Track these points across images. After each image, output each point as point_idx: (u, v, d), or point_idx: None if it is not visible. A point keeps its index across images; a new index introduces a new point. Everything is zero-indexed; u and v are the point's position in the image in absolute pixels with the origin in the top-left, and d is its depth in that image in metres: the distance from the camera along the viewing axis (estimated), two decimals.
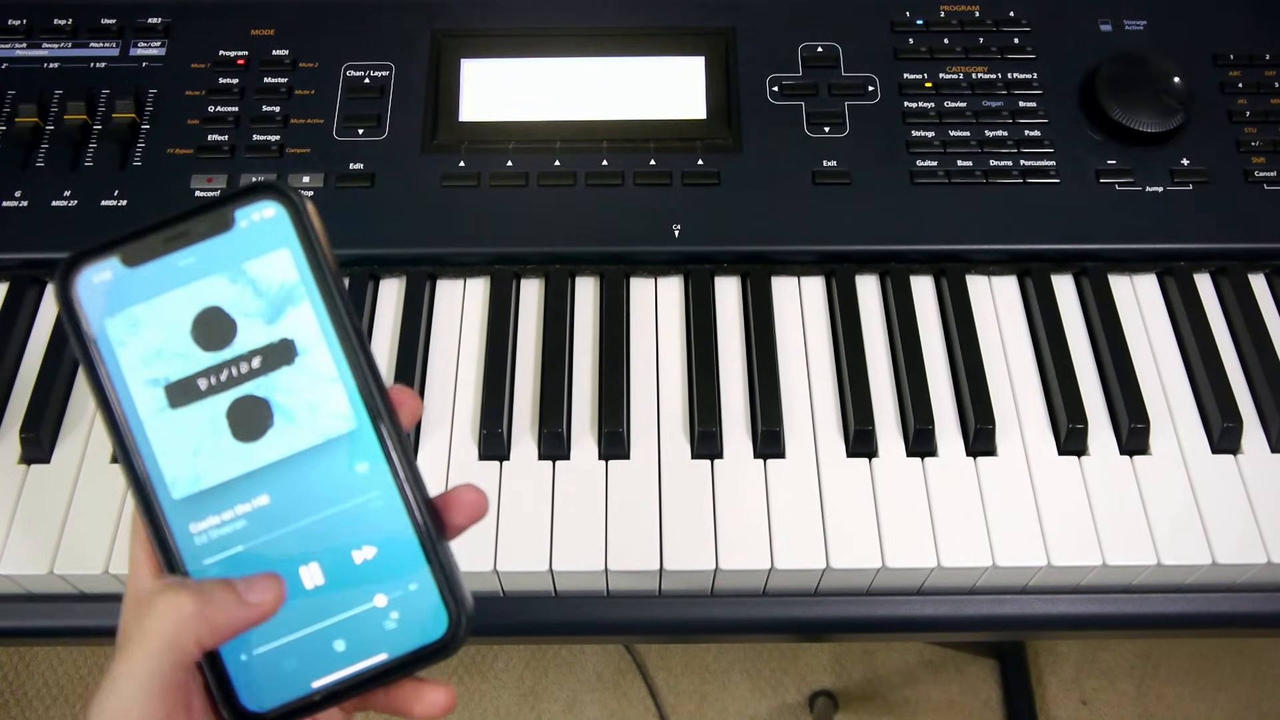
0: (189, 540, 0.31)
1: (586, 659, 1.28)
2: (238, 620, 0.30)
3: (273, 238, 0.31)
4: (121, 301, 0.31)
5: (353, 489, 0.31)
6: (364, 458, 0.31)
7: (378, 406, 0.31)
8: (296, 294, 0.31)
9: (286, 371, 0.31)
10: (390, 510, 0.31)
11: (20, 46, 0.68)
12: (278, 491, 0.31)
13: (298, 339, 0.31)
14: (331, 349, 0.31)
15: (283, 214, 0.31)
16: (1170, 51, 0.67)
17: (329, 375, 0.31)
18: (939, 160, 0.65)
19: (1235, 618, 0.57)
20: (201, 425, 0.31)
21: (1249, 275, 0.64)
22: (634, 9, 0.70)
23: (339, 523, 0.31)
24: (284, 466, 0.31)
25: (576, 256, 0.63)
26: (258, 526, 0.31)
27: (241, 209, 0.31)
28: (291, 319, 0.31)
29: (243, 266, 0.31)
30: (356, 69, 0.67)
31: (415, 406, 0.33)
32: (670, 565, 0.54)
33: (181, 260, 0.31)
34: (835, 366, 0.61)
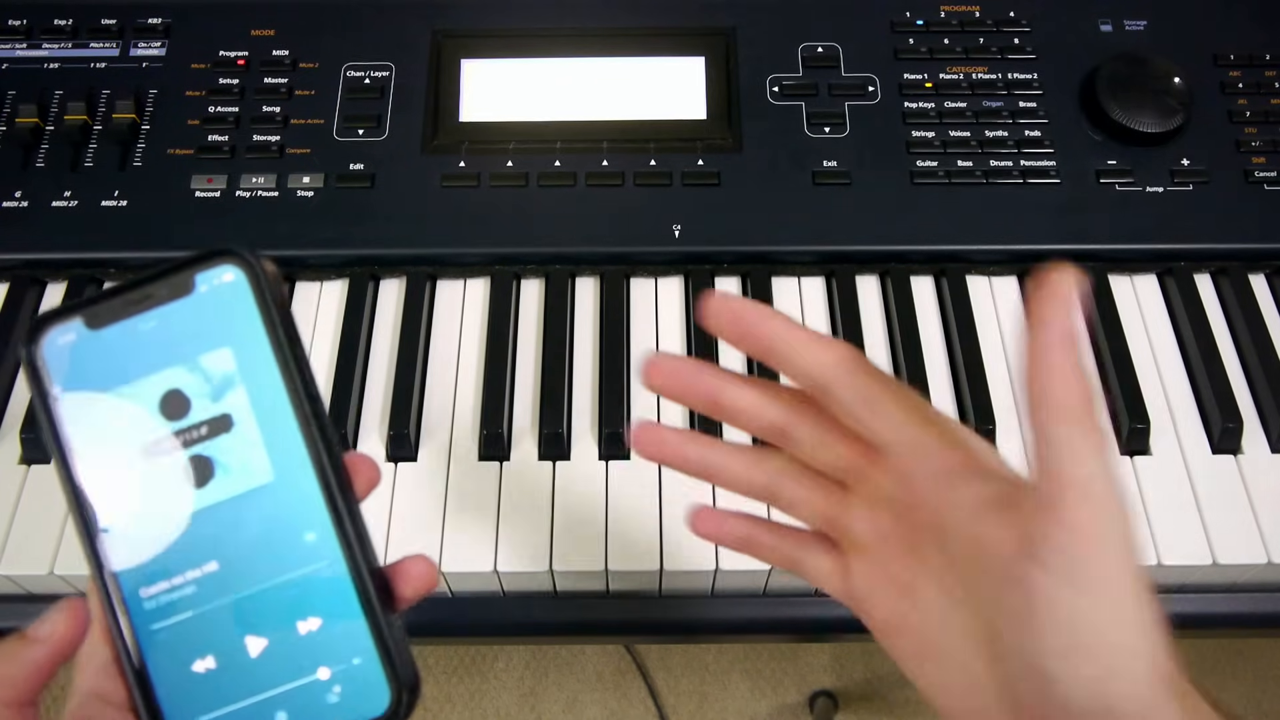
0: (139, 605, 0.31)
1: (586, 659, 1.28)
2: (33, 663, 0.30)
3: (231, 303, 0.31)
4: (83, 363, 0.31)
5: (300, 558, 0.31)
6: (312, 527, 0.31)
7: (329, 477, 0.31)
8: (252, 362, 0.31)
9: (236, 438, 0.31)
10: (337, 581, 0.31)
11: (20, 47, 0.68)
12: (226, 558, 0.31)
13: (251, 406, 0.31)
14: (283, 417, 0.31)
15: (242, 279, 0.31)
16: (1170, 51, 0.67)
17: (281, 445, 0.31)
18: (939, 160, 0.65)
19: (1235, 618, 0.57)
20: (151, 486, 0.31)
21: (1249, 275, 0.64)
22: (634, 9, 0.70)
23: (285, 592, 0.31)
24: (232, 532, 0.31)
25: (577, 257, 0.63)
26: (205, 593, 0.31)
27: (202, 274, 0.31)
28: (245, 386, 0.31)
29: (201, 333, 0.31)
30: (356, 69, 0.67)
31: (372, 475, 0.33)
32: (670, 565, 0.54)
33: (143, 324, 0.31)
34: None
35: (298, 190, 0.63)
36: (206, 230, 0.62)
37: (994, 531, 0.32)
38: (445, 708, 1.25)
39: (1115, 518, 0.30)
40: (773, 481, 0.40)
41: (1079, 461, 0.30)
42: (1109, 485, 0.30)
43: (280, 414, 0.31)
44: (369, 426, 0.59)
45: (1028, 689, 0.31)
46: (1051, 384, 0.31)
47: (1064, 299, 0.31)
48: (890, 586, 0.37)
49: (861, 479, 0.38)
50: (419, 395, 0.59)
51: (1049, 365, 0.31)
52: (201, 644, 0.31)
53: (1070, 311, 0.31)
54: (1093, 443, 0.30)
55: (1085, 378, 0.31)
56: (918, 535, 0.36)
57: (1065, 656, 0.30)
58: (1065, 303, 0.31)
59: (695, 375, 0.39)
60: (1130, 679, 0.30)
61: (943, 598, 0.35)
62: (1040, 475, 0.31)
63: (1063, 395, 0.30)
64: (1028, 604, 0.31)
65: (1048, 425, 0.31)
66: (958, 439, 0.36)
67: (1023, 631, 0.31)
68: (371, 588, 0.31)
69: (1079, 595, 0.30)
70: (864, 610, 0.38)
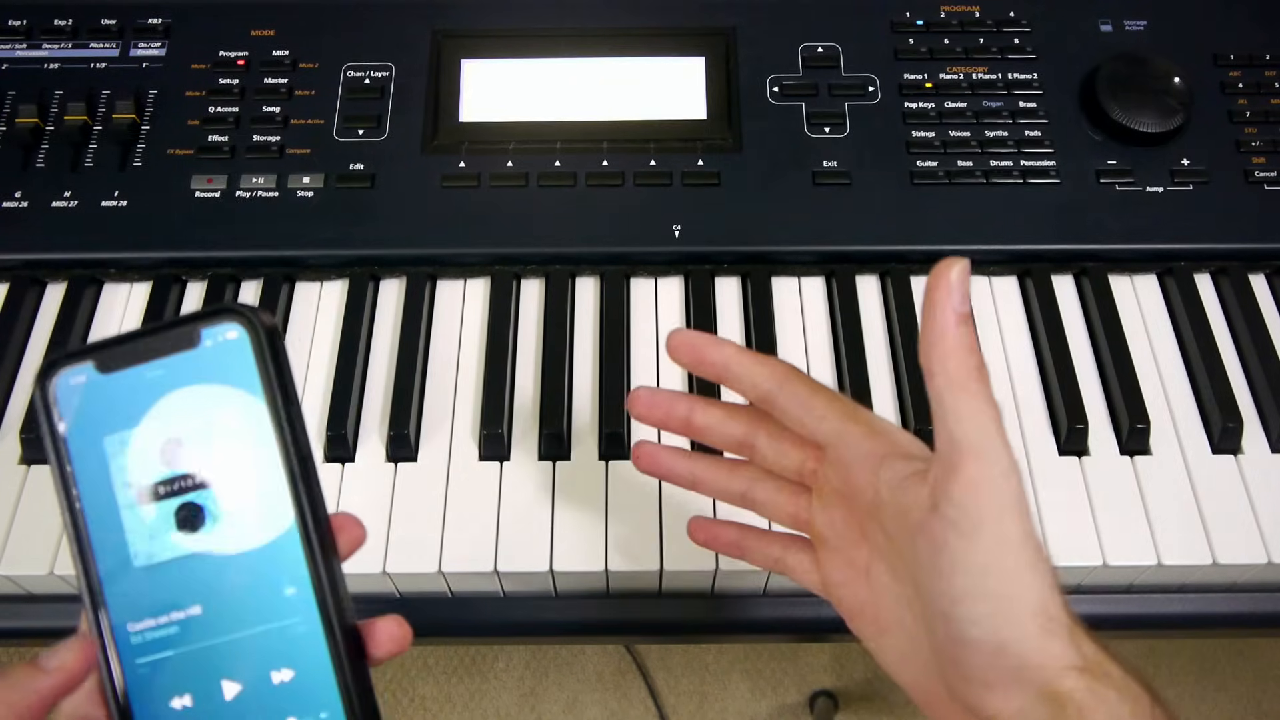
0: (126, 638, 0.33)
1: (586, 659, 1.28)
2: (38, 692, 0.31)
3: (232, 359, 0.33)
4: (91, 405, 0.33)
5: (279, 611, 0.32)
6: (292, 582, 0.32)
7: (311, 535, 0.33)
8: (249, 418, 0.33)
9: (227, 491, 0.33)
10: (311, 637, 0.32)
11: (20, 47, 0.68)
12: (210, 603, 0.32)
13: (244, 461, 0.33)
14: (273, 474, 0.33)
15: (244, 336, 0.33)
16: (1170, 51, 0.67)
17: (269, 501, 0.33)
18: (939, 160, 0.65)
19: (1235, 618, 0.57)
20: (148, 527, 0.33)
21: (1249, 275, 0.64)
22: (634, 9, 0.70)
23: (262, 642, 0.32)
24: (216, 579, 0.33)
25: (577, 257, 0.63)
26: (187, 634, 0.32)
27: (208, 328, 0.33)
28: (241, 441, 0.33)
29: (202, 384, 0.33)
30: (356, 69, 0.67)
31: (357, 533, 0.35)
32: (670, 565, 0.54)
33: (150, 372, 0.33)
34: (835, 367, 0.61)
35: (298, 190, 0.63)
36: (206, 230, 0.62)
37: (912, 498, 0.37)
38: (445, 708, 1.25)
39: (1004, 474, 0.35)
40: (748, 489, 0.46)
41: (970, 425, 0.35)
42: (998, 445, 0.35)
43: (271, 469, 0.33)
44: (369, 426, 0.59)
45: (942, 633, 0.36)
46: (945, 358, 0.35)
47: (955, 285, 0.35)
48: (851, 571, 0.42)
49: (816, 479, 0.43)
50: (419, 395, 0.59)
51: (944, 342, 0.35)
52: (181, 682, 0.32)
53: (960, 295, 0.36)
54: (982, 408, 0.35)
55: (977, 353, 0.36)
56: (863, 520, 0.41)
57: (961, 599, 0.35)
58: (956, 288, 0.36)
59: (670, 402, 0.46)
60: (1015, 618, 0.34)
61: (887, 573, 0.40)
62: (939, 440, 0.36)
63: (955, 368, 0.35)
64: (932, 552, 0.35)
65: (943, 394, 0.35)
66: (881, 428, 0.41)
67: (931, 579, 0.36)
68: (343, 646, 0.32)
69: (969, 542, 0.34)
70: (836, 599, 0.43)
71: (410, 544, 0.54)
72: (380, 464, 0.57)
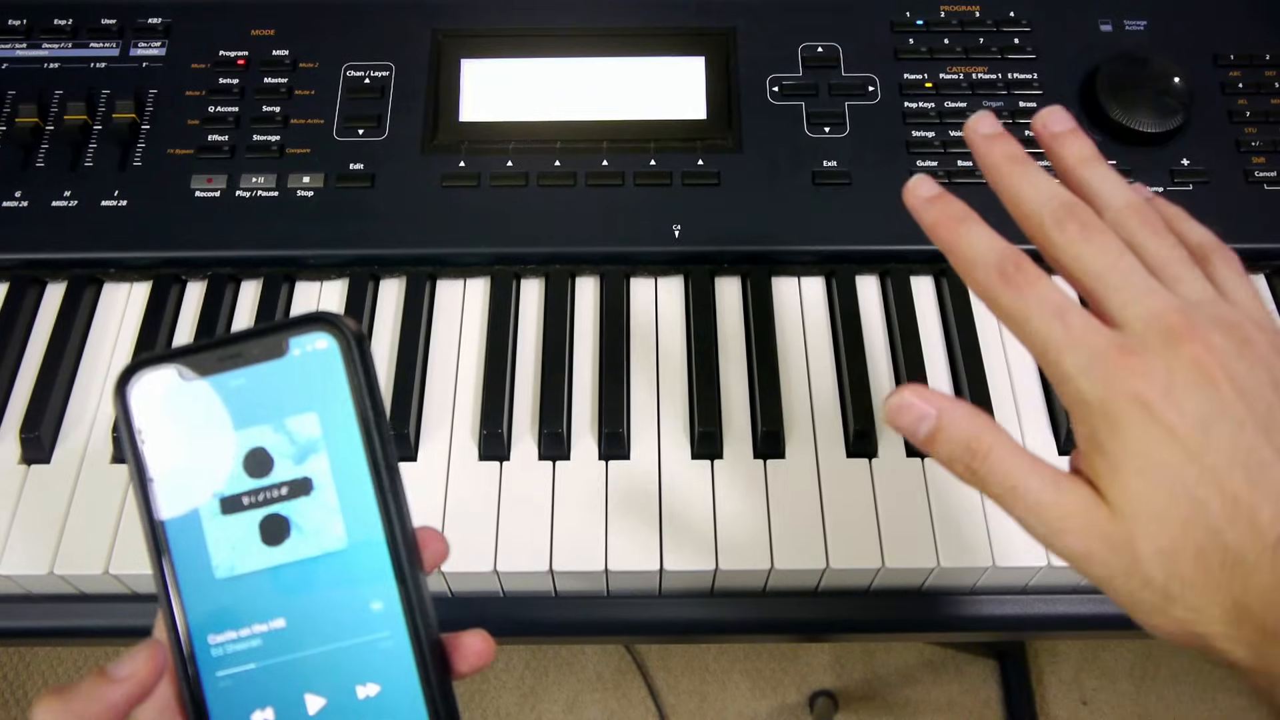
0: (206, 651, 0.32)
1: (586, 659, 1.28)
2: (112, 702, 0.31)
3: (322, 370, 0.32)
4: (173, 411, 0.32)
5: (365, 625, 0.32)
6: (379, 596, 0.32)
7: (399, 548, 0.32)
8: (336, 429, 0.32)
9: (313, 502, 0.32)
10: (398, 651, 0.32)
11: (20, 47, 0.68)
12: (294, 616, 0.32)
13: (331, 472, 0.32)
14: (360, 486, 0.32)
15: (334, 346, 0.32)
16: (1170, 51, 0.66)
17: (356, 513, 0.32)
18: (939, 160, 0.65)
19: None
20: (230, 538, 0.32)
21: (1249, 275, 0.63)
22: (634, 9, 0.70)
23: (348, 656, 0.32)
24: (302, 592, 0.32)
25: (576, 256, 0.63)
26: (270, 648, 0.32)
27: (296, 338, 0.32)
28: (328, 452, 0.32)
29: (289, 395, 0.32)
30: (356, 69, 0.67)
31: (440, 548, 0.34)
32: (670, 565, 0.54)
33: (233, 380, 0.32)
34: (835, 366, 0.61)
35: (298, 190, 0.63)
36: (206, 230, 0.63)
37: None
38: None
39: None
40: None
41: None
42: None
43: (359, 482, 0.32)
44: None
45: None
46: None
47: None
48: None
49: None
50: (419, 395, 0.59)
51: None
52: (263, 696, 0.32)
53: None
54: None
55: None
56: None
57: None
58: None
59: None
60: None
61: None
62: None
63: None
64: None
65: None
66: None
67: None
68: (430, 661, 0.32)
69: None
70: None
71: None
72: None
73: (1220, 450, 0.33)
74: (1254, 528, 0.32)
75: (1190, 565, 0.33)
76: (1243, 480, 0.33)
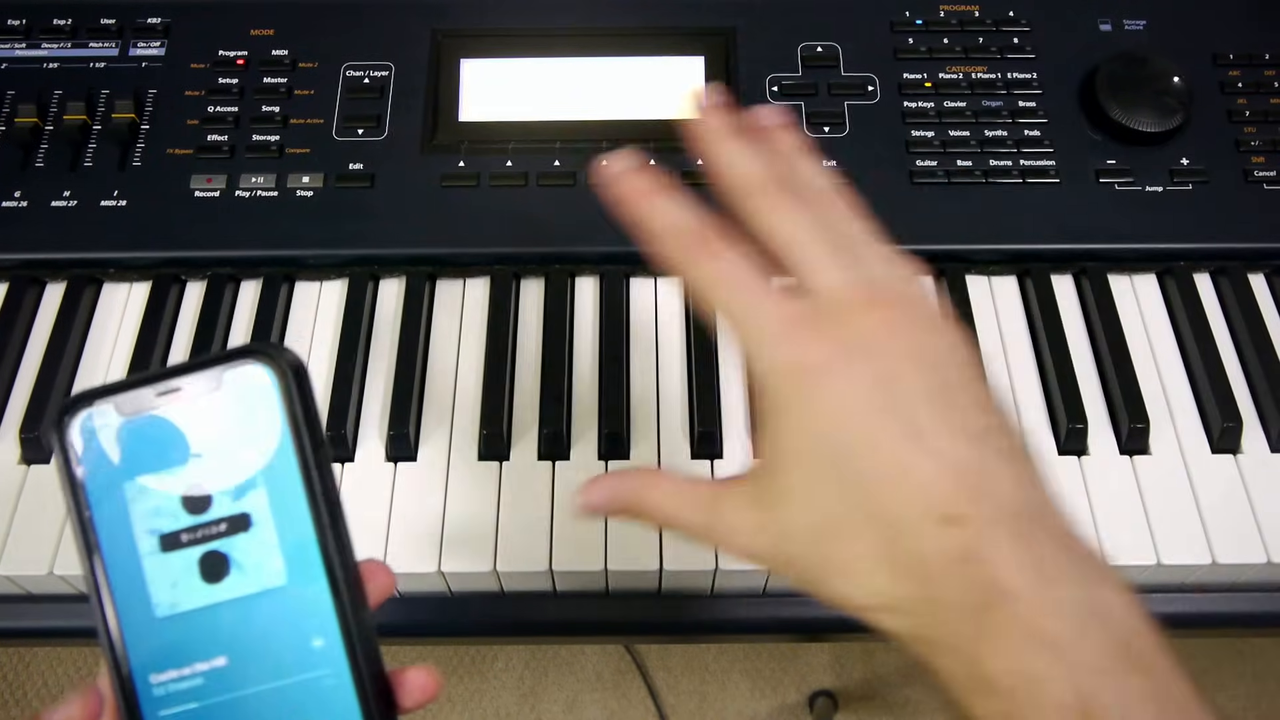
0: (149, 691, 0.32)
1: (586, 659, 1.28)
2: None
3: (259, 404, 0.32)
4: (111, 448, 0.32)
5: (307, 663, 0.31)
6: (320, 633, 0.31)
7: (339, 584, 0.32)
8: (275, 464, 0.32)
9: (252, 538, 0.32)
10: (340, 689, 0.31)
11: (20, 46, 0.68)
12: (235, 654, 0.32)
13: (269, 508, 0.32)
14: (299, 522, 0.32)
15: (270, 379, 0.32)
16: (1170, 51, 0.66)
17: (295, 549, 0.32)
18: (939, 160, 0.65)
19: (1235, 618, 0.57)
20: (170, 576, 0.32)
21: (1249, 275, 0.64)
22: (634, 9, 0.70)
23: (290, 694, 0.31)
24: (242, 630, 0.32)
25: (577, 256, 0.63)
26: (213, 687, 0.31)
27: (231, 371, 0.32)
28: (266, 487, 0.32)
29: (226, 430, 0.32)
30: (356, 69, 0.67)
31: (386, 581, 0.33)
32: (670, 565, 0.54)
33: (171, 415, 0.32)
34: None
35: (298, 190, 0.63)
36: (206, 230, 0.62)
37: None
38: (445, 708, 1.25)
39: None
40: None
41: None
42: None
43: (298, 517, 0.31)
44: (369, 426, 0.59)
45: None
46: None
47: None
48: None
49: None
50: (419, 395, 0.59)
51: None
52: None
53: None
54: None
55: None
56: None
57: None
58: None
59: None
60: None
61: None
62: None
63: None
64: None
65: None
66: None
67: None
68: (373, 698, 0.31)
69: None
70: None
71: (410, 544, 0.54)
72: (380, 464, 0.57)
73: (882, 415, 0.33)
74: (912, 491, 0.32)
75: (842, 542, 0.33)
76: (904, 444, 0.32)
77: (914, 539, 0.32)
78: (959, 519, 0.31)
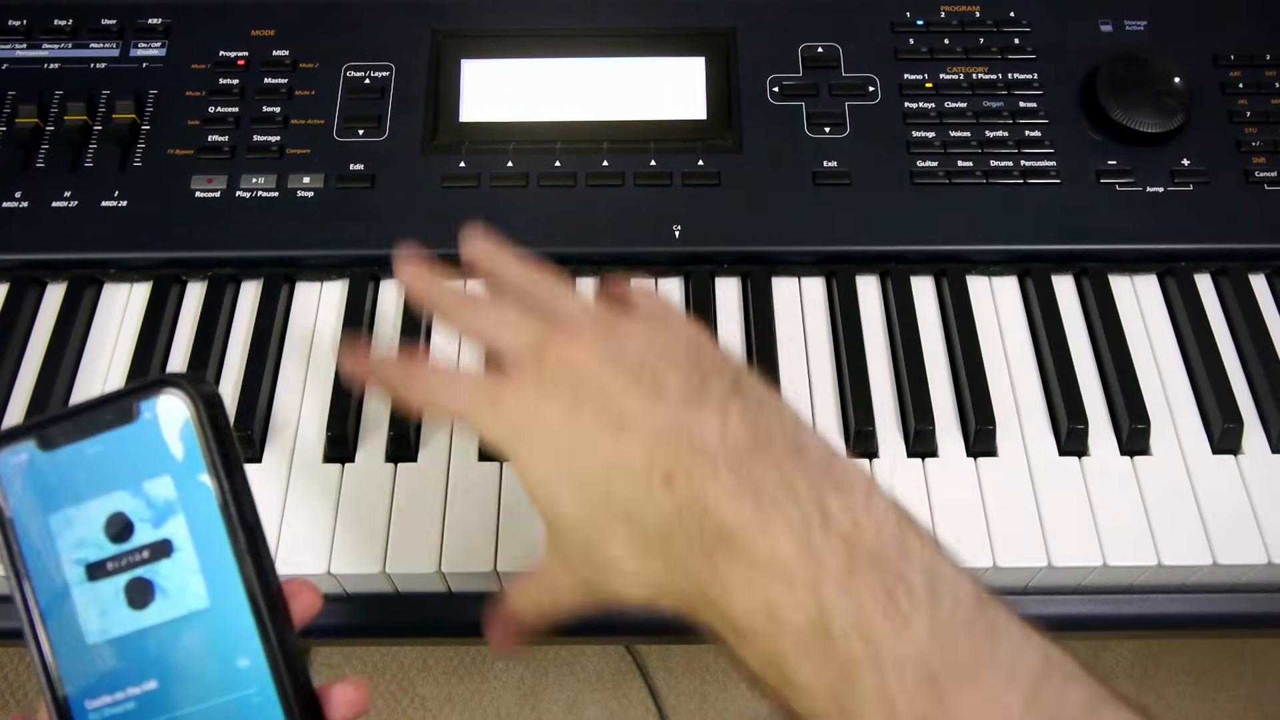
0: (84, 717, 0.32)
1: (586, 659, 1.28)
2: None
3: (172, 431, 0.33)
4: (34, 483, 0.33)
5: (233, 682, 0.32)
6: (244, 653, 0.32)
7: (260, 605, 0.32)
8: (191, 490, 0.33)
9: (174, 564, 0.33)
10: (267, 707, 0.32)
11: (20, 47, 0.68)
12: (165, 677, 0.32)
13: (189, 533, 0.33)
14: (219, 546, 0.33)
15: (182, 408, 0.33)
16: (1170, 51, 0.66)
17: (216, 572, 0.33)
18: (939, 160, 0.65)
19: (1235, 618, 0.57)
20: (98, 603, 0.33)
21: (1249, 275, 0.64)
22: (634, 9, 0.70)
23: (219, 713, 0.32)
24: (170, 653, 0.32)
25: (577, 257, 0.63)
26: (145, 710, 0.32)
27: (145, 401, 0.33)
28: (185, 514, 0.33)
29: (144, 459, 0.33)
30: (356, 69, 0.67)
31: (309, 599, 0.34)
32: None
33: (90, 448, 0.33)
34: (835, 366, 0.61)
35: (298, 190, 0.63)
36: (206, 230, 0.62)
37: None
38: (445, 708, 1.25)
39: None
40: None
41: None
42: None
43: (216, 542, 0.33)
44: (369, 427, 0.59)
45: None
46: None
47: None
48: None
49: None
50: None
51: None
52: None
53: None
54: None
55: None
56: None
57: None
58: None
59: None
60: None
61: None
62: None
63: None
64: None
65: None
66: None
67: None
68: (299, 716, 0.32)
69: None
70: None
71: (410, 544, 0.54)
72: (380, 464, 0.57)
73: (589, 421, 0.35)
74: (629, 471, 0.34)
75: (601, 545, 0.35)
76: (613, 434, 0.34)
77: (643, 513, 0.34)
78: (669, 476, 0.33)
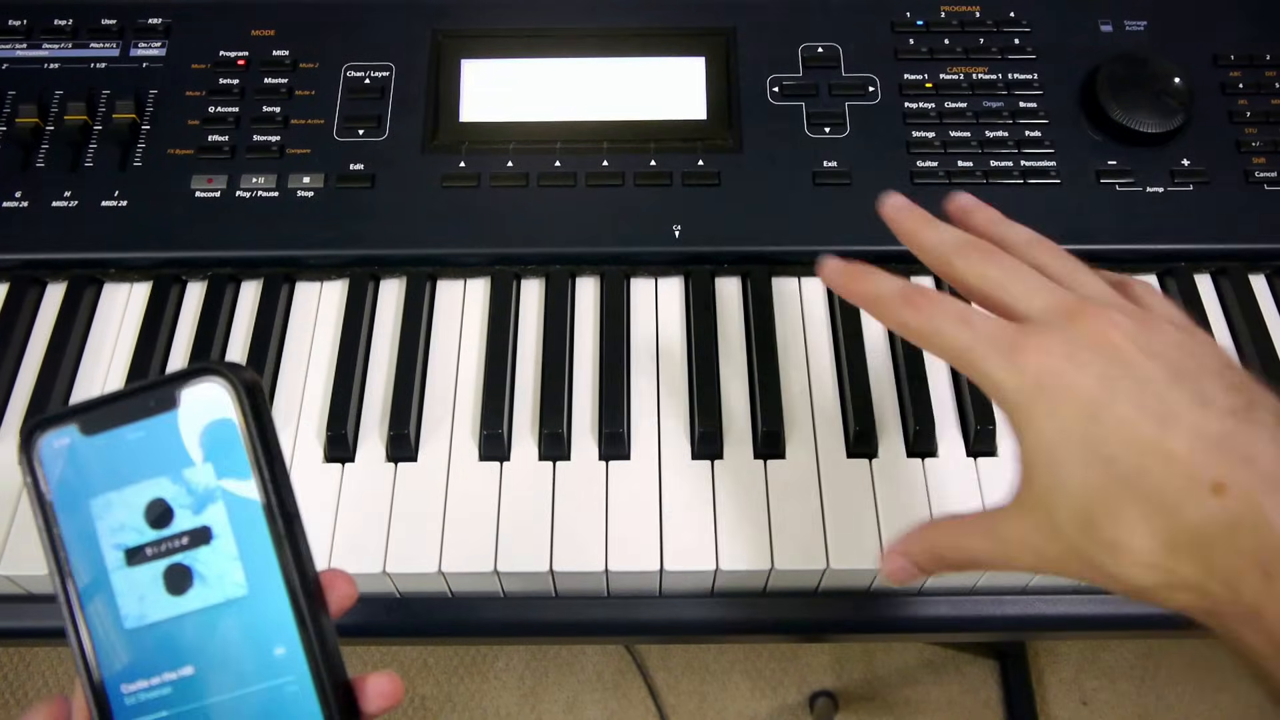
0: (120, 701, 0.33)
1: (586, 659, 1.28)
2: None
3: (214, 419, 0.33)
4: (76, 467, 0.33)
5: (269, 670, 0.32)
6: (281, 641, 0.32)
7: (298, 593, 0.33)
8: (232, 478, 0.33)
9: (213, 551, 0.33)
10: (303, 696, 0.32)
11: (20, 47, 0.68)
12: (201, 664, 0.33)
13: (229, 521, 0.33)
14: (259, 534, 0.33)
15: (225, 395, 0.33)
16: (1170, 51, 0.66)
17: (255, 560, 0.33)
18: (939, 160, 0.65)
19: None
20: (136, 588, 0.33)
21: (1249, 275, 0.64)
22: (634, 9, 0.70)
23: (255, 701, 0.32)
24: (207, 640, 0.33)
25: (577, 257, 0.63)
26: (181, 696, 0.33)
27: (188, 389, 0.33)
28: (225, 501, 0.33)
29: (186, 446, 0.33)
30: (356, 69, 0.67)
31: (347, 591, 0.34)
32: (670, 565, 0.54)
33: (131, 434, 0.33)
34: (835, 366, 0.61)
35: (298, 190, 0.63)
36: (206, 230, 0.63)
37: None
38: (445, 708, 1.25)
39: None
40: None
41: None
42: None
43: (256, 529, 0.33)
44: (369, 426, 0.59)
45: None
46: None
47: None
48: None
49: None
50: (419, 395, 0.59)
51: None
52: None
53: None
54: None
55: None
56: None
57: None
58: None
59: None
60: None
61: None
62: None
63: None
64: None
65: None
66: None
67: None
68: (335, 704, 0.32)
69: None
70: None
71: (410, 544, 0.54)
72: (380, 464, 0.57)
73: (1127, 403, 0.34)
74: (1172, 466, 0.33)
75: (1112, 523, 0.34)
76: (1156, 424, 0.34)
77: (1182, 512, 0.33)
78: (1222, 488, 0.33)
